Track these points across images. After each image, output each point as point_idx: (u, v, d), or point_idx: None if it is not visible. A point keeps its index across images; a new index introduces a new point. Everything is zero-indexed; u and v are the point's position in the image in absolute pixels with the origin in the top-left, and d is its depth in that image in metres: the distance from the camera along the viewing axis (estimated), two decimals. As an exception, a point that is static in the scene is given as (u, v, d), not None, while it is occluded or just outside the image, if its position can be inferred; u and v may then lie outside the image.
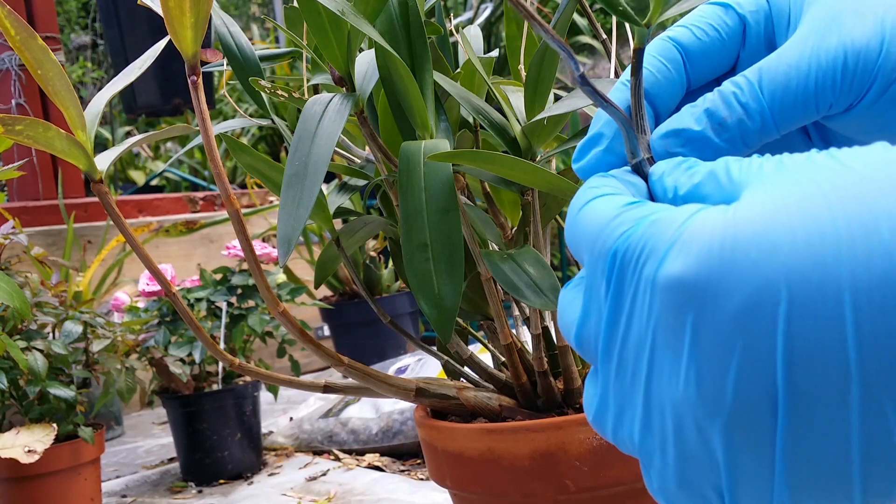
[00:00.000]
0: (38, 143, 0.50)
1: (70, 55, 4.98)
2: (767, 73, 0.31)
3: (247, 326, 1.30)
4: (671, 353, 0.24)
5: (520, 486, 0.58)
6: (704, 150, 0.31)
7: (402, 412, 1.28)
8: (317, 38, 0.57)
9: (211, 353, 0.59)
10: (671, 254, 0.24)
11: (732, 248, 0.23)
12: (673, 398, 0.24)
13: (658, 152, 0.32)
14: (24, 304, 0.87)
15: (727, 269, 0.23)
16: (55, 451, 1.00)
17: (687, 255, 0.23)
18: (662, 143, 0.32)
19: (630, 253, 0.25)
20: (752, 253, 0.22)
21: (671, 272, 0.24)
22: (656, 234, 0.25)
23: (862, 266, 0.21)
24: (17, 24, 0.48)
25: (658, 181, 0.29)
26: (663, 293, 0.24)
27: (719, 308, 0.23)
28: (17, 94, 2.10)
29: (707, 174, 0.27)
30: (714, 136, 0.31)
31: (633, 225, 0.26)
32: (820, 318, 0.22)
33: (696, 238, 0.24)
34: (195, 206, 2.35)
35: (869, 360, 0.21)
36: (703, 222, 0.24)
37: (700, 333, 0.23)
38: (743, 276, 0.22)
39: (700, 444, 0.24)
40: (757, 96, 0.31)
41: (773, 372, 0.22)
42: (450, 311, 0.54)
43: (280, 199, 0.51)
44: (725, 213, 0.24)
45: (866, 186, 0.22)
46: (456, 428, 0.61)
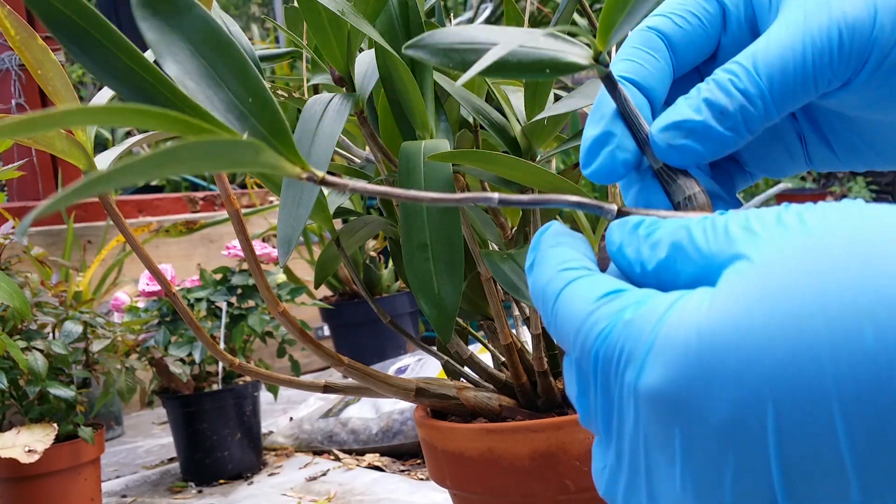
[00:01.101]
0: (38, 143, 0.50)
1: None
2: (763, 56, 0.31)
3: (247, 326, 1.30)
4: (665, 457, 0.23)
5: (520, 486, 0.58)
6: (708, 141, 0.30)
7: (402, 412, 1.28)
8: (317, 37, 0.57)
9: (211, 353, 0.59)
10: (648, 362, 0.23)
11: (710, 358, 0.22)
12: (672, 498, 0.24)
13: (660, 147, 0.31)
14: (24, 304, 0.87)
15: (707, 382, 0.22)
16: (55, 451, 1.00)
17: (665, 365, 0.22)
18: (664, 137, 0.31)
19: (609, 356, 0.24)
20: (731, 363, 0.21)
21: (650, 384, 0.23)
22: (633, 336, 0.24)
23: (847, 377, 0.20)
24: (17, 24, 0.48)
25: (618, 254, 0.28)
26: (646, 404, 0.23)
27: (705, 421, 0.22)
28: (17, 94, 2.10)
29: (671, 247, 0.26)
30: (717, 125, 0.30)
31: (609, 323, 0.25)
32: (811, 428, 0.21)
33: (672, 344, 0.23)
34: (195, 206, 2.35)
35: (866, 467, 0.21)
36: (678, 322, 0.23)
37: (690, 445, 0.22)
38: (724, 388, 0.22)
39: None
40: (755, 81, 0.30)
41: (769, 480, 0.21)
42: (450, 311, 0.54)
43: (280, 199, 0.51)
44: (699, 310, 0.22)
45: (847, 275, 0.21)
46: (456, 428, 0.61)
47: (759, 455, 0.21)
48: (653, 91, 0.33)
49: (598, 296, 0.26)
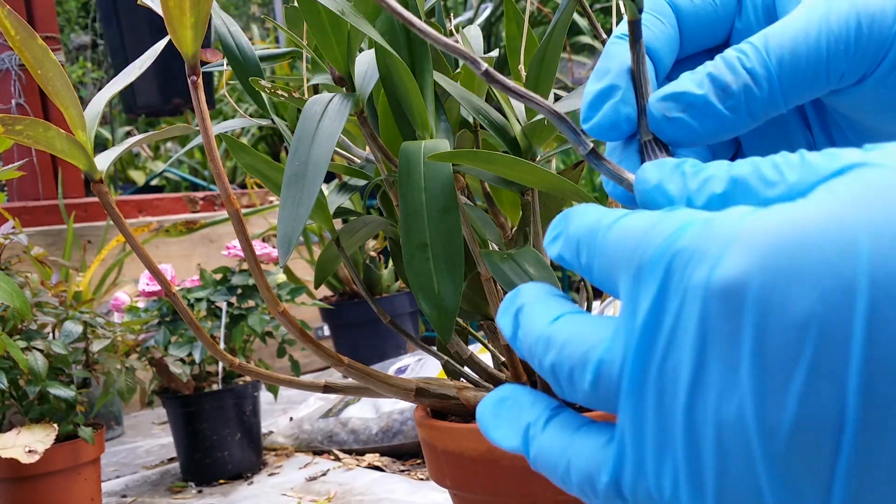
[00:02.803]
0: (38, 143, 0.50)
1: (70, 55, 4.98)
2: (774, 38, 0.29)
3: (247, 326, 1.30)
4: (724, 367, 0.21)
5: (520, 486, 0.58)
6: (706, 118, 0.29)
7: (402, 412, 1.28)
8: (317, 38, 0.57)
9: (211, 353, 0.59)
10: (728, 254, 0.21)
11: (803, 245, 0.20)
12: (720, 421, 0.21)
13: (655, 117, 0.30)
14: (24, 304, 0.87)
15: (796, 268, 0.20)
16: (55, 451, 1.00)
17: (749, 255, 0.21)
18: (660, 107, 0.29)
19: (677, 259, 0.22)
20: (828, 249, 0.20)
21: (729, 274, 0.21)
22: (709, 236, 0.22)
23: None
24: (17, 24, 0.48)
25: (656, 191, 0.26)
26: (718, 298, 0.21)
27: (786, 311, 0.20)
28: (17, 94, 2.10)
29: (730, 182, 0.24)
30: (717, 102, 0.29)
31: (679, 228, 0.22)
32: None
33: (759, 235, 0.21)
34: (195, 206, 2.35)
35: None
36: (765, 219, 0.21)
37: (763, 341, 0.20)
38: (816, 275, 0.20)
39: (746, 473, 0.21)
40: (764, 62, 0.29)
41: (844, 385, 0.20)
42: (450, 311, 0.54)
43: (280, 199, 0.51)
44: (792, 210, 0.21)
45: None
46: (456, 428, 0.61)
47: (838, 358, 0.20)
48: (658, 55, 0.32)
49: (662, 212, 0.24)
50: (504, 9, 0.66)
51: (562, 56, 0.64)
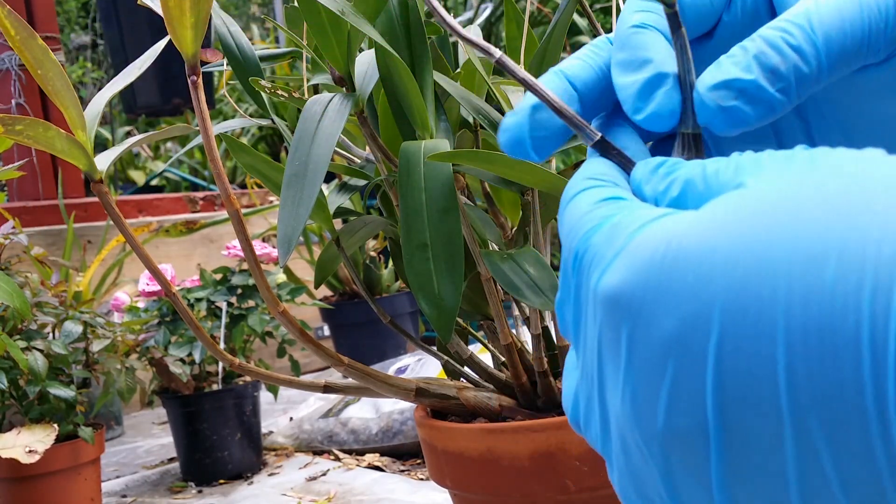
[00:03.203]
0: (38, 143, 0.50)
1: (70, 55, 4.98)
2: (818, 13, 0.28)
3: (247, 326, 1.30)
4: (612, 366, 0.23)
5: (520, 486, 0.58)
6: (758, 104, 0.28)
7: (402, 412, 1.28)
8: (317, 38, 0.57)
9: (211, 353, 0.59)
10: (614, 264, 0.23)
11: (672, 266, 0.21)
12: (615, 412, 0.23)
13: (708, 108, 0.28)
14: (24, 304, 0.87)
15: (663, 289, 0.21)
16: (55, 451, 1.00)
17: (628, 268, 0.22)
18: (714, 97, 0.28)
19: (586, 257, 0.24)
20: (690, 275, 0.21)
21: (609, 284, 0.22)
22: (609, 240, 0.23)
23: (798, 309, 0.19)
24: (17, 24, 0.48)
25: (637, 193, 0.27)
26: (602, 305, 0.23)
27: (652, 328, 0.21)
28: (17, 94, 2.10)
29: (685, 184, 0.25)
30: (768, 86, 0.28)
31: (595, 226, 0.24)
32: (752, 357, 0.20)
33: (640, 250, 0.22)
34: (195, 206, 2.35)
35: (802, 408, 0.20)
36: (653, 232, 0.22)
37: (633, 352, 0.22)
38: (678, 298, 0.21)
39: (641, 459, 0.23)
40: (811, 39, 0.28)
41: (703, 404, 0.21)
42: (450, 311, 0.54)
43: (280, 199, 0.51)
44: (677, 224, 0.22)
45: (830, 207, 0.20)
46: (456, 428, 0.61)
47: (696, 376, 0.21)
48: None
49: (600, 199, 0.25)
50: (504, 9, 0.66)
51: (562, 56, 0.64)
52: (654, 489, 0.23)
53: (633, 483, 0.24)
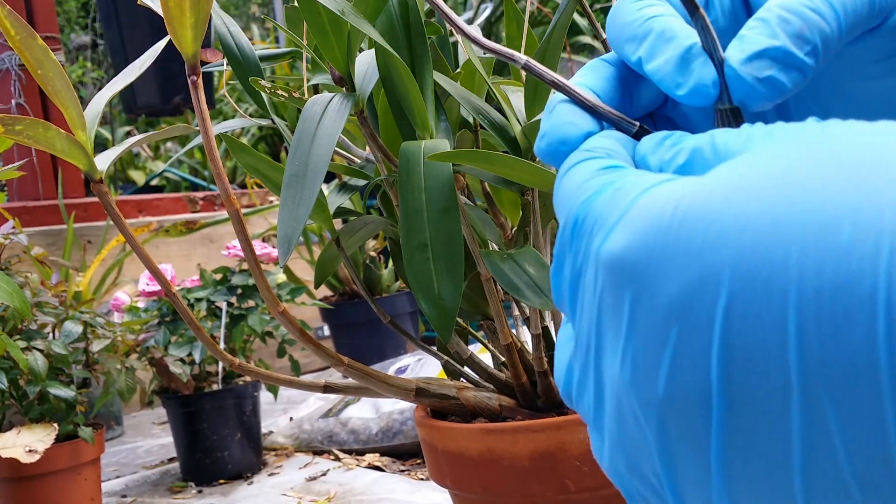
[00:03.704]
0: (38, 143, 0.50)
1: (70, 55, 4.98)
2: None
3: (247, 326, 1.30)
4: (613, 332, 0.23)
5: (520, 486, 0.58)
6: (790, 70, 0.28)
7: (402, 412, 1.28)
8: (317, 38, 0.57)
9: (211, 353, 0.59)
10: (617, 227, 0.22)
11: (678, 229, 0.21)
12: (613, 379, 0.23)
13: (746, 82, 0.28)
14: (24, 304, 0.87)
15: (669, 252, 0.21)
16: (55, 451, 1.00)
17: (632, 231, 0.22)
18: (750, 69, 0.28)
19: (587, 222, 0.24)
20: (698, 237, 0.21)
21: (613, 248, 0.22)
22: (612, 203, 0.23)
23: (811, 271, 0.19)
24: (17, 24, 0.48)
25: (641, 164, 0.26)
26: (605, 269, 0.22)
27: (656, 292, 0.21)
28: (17, 94, 2.10)
29: (692, 152, 0.25)
30: (797, 51, 0.28)
31: (597, 191, 0.24)
32: (761, 320, 0.20)
33: (645, 213, 0.22)
34: (195, 206, 2.35)
35: (812, 372, 0.19)
36: (657, 195, 0.22)
37: (636, 316, 0.22)
38: (684, 261, 0.21)
39: (637, 429, 0.23)
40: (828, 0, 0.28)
41: (707, 369, 0.20)
42: (450, 311, 0.54)
43: (280, 199, 0.51)
44: (684, 188, 0.21)
45: (843, 173, 0.20)
46: (456, 428, 0.61)
47: (702, 340, 0.20)
48: None
49: (599, 168, 0.25)
50: (504, 9, 0.66)
51: (562, 56, 0.64)
52: (648, 461, 0.23)
53: (625, 456, 0.24)
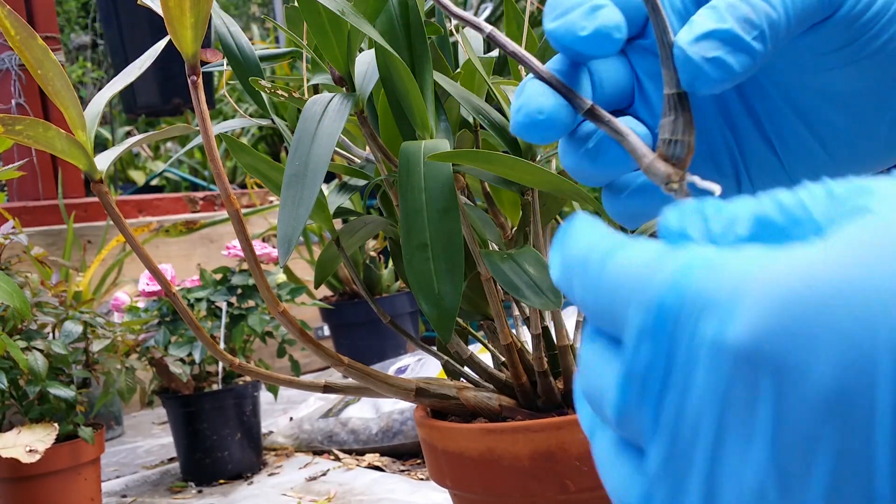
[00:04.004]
0: (38, 143, 0.50)
1: (70, 55, 4.98)
2: None
3: (247, 326, 1.30)
4: (740, 436, 0.19)
5: (520, 486, 0.58)
6: (738, 53, 0.28)
7: (402, 412, 1.28)
8: (317, 38, 0.57)
9: (211, 353, 0.59)
10: (738, 310, 0.19)
11: (816, 310, 0.18)
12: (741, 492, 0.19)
13: (693, 61, 0.28)
14: (24, 304, 0.87)
15: (812, 337, 0.18)
16: (55, 451, 1.00)
17: (760, 314, 0.18)
18: (697, 49, 0.28)
19: (680, 305, 0.20)
20: (843, 318, 0.18)
21: (739, 336, 0.19)
22: (716, 281, 0.19)
23: None
24: (17, 24, 0.48)
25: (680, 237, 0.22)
26: (729, 361, 0.19)
27: (804, 384, 0.18)
28: (17, 94, 2.10)
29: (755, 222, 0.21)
30: (745, 35, 0.28)
31: (683, 268, 0.20)
32: None
33: (772, 291, 0.18)
34: (195, 206, 2.35)
35: None
36: (777, 266, 0.19)
37: (781, 415, 0.18)
38: (832, 346, 0.18)
39: None
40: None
41: (870, 471, 0.18)
42: (450, 311, 0.54)
43: (280, 199, 0.51)
44: (804, 256, 0.19)
45: None
46: (456, 428, 0.61)
47: (863, 436, 0.17)
48: None
49: (658, 250, 0.21)
50: (504, 9, 0.66)
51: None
52: None
53: None
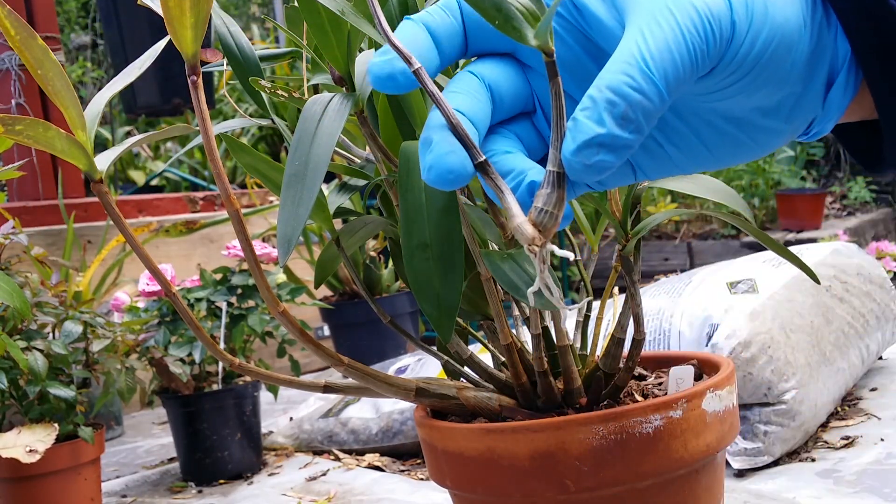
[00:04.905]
0: (38, 143, 0.50)
1: (70, 55, 4.98)
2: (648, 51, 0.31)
3: (247, 326, 1.30)
4: None
5: (520, 486, 0.58)
6: (617, 150, 0.31)
7: (402, 412, 1.28)
8: (317, 38, 0.57)
9: (211, 353, 0.59)
10: None
11: None
12: None
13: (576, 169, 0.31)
14: (24, 304, 0.87)
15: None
16: (55, 451, 1.00)
17: None
18: (578, 160, 0.31)
19: None
20: None
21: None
22: None
23: None
24: (17, 24, 0.48)
25: None
26: None
27: None
28: (17, 94, 2.10)
29: None
30: (622, 132, 0.31)
31: None
32: None
33: None
34: (195, 206, 2.35)
35: None
36: None
37: None
38: None
39: None
40: (650, 78, 0.31)
41: None
42: (450, 311, 0.54)
43: (280, 199, 0.51)
44: None
45: None
46: (456, 428, 0.61)
47: None
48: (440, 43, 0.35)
49: None
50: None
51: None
52: None
53: None
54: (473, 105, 0.34)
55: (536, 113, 0.38)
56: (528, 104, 0.38)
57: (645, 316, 1.02)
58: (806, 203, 4.30)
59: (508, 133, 0.37)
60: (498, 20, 0.32)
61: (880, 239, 3.69)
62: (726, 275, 1.09)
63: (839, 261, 1.18)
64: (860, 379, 1.21)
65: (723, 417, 0.58)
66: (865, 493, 0.84)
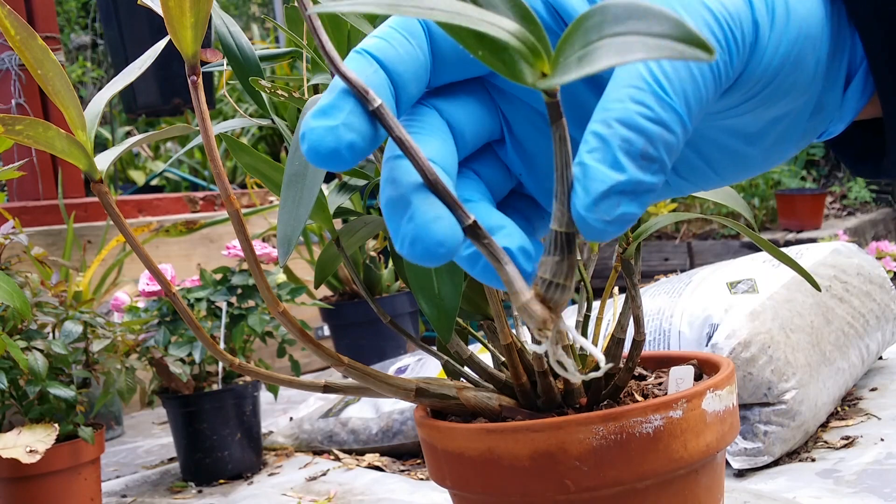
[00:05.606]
0: (38, 143, 0.50)
1: (70, 55, 4.98)
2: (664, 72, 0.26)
3: (247, 326, 1.30)
4: None
5: (520, 486, 0.58)
6: (642, 195, 0.25)
7: (402, 412, 1.28)
8: (317, 38, 0.57)
9: (211, 353, 0.59)
10: None
11: None
12: None
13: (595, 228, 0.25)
14: (24, 304, 0.87)
15: None
16: (55, 451, 1.00)
17: None
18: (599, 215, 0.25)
19: None
20: None
21: None
22: None
23: None
24: (17, 24, 0.48)
25: None
26: None
27: None
28: (17, 94, 2.10)
29: None
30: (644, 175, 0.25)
31: None
32: None
33: None
34: (195, 206, 2.35)
35: None
36: None
37: None
38: None
39: None
40: (669, 105, 0.25)
41: None
42: (450, 311, 0.54)
43: (280, 199, 0.51)
44: None
45: None
46: (456, 428, 0.61)
47: None
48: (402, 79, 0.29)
49: None
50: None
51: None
52: None
53: None
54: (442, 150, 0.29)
55: (504, 142, 0.32)
56: (493, 132, 0.32)
57: (645, 316, 1.02)
58: (806, 203, 4.30)
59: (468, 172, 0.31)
60: (481, 52, 0.25)
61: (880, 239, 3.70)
62: (726, 275, 1.09)
63: (839, 261, 1.18)
64: (860, 379, 1.21)
65: (723, 417, 0.58)
66: (865, 493, 0.84)
